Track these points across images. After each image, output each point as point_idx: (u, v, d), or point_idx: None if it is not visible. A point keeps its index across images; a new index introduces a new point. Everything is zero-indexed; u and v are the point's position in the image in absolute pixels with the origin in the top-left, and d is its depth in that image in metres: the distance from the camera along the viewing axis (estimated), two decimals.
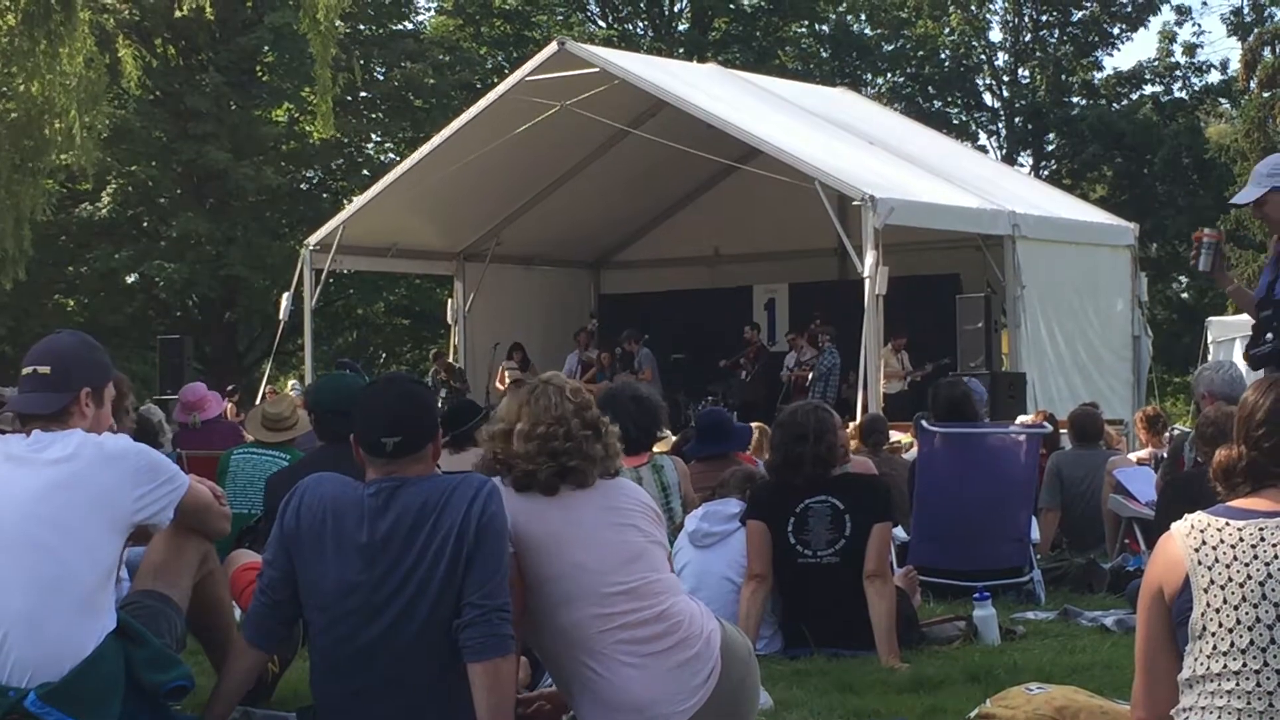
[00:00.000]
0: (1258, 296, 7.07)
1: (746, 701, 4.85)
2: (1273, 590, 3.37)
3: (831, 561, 6.82)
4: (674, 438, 11.08)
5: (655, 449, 7.97)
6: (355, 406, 4.68)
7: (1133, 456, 11.72)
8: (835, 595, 6.76)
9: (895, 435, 12.92)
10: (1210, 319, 23.20)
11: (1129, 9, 46.34)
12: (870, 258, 16.50)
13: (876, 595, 6.70)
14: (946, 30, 47.09)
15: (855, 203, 17.06)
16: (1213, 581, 3.41)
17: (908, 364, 20.38)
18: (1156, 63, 46.99)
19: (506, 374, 21.14)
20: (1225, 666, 3.37)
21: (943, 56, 47.34)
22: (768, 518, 6.86)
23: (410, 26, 38.69)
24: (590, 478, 4.68)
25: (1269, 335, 6.96)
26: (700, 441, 8.77)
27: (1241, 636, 3.36)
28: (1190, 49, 46.89)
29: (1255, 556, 3.40)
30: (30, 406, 4.52)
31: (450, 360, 22.81)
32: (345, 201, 29.62)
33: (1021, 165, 44.80)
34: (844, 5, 46.47)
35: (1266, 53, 39.05)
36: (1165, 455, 10.41)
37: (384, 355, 39.90)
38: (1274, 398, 3.56)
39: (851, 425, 11.83)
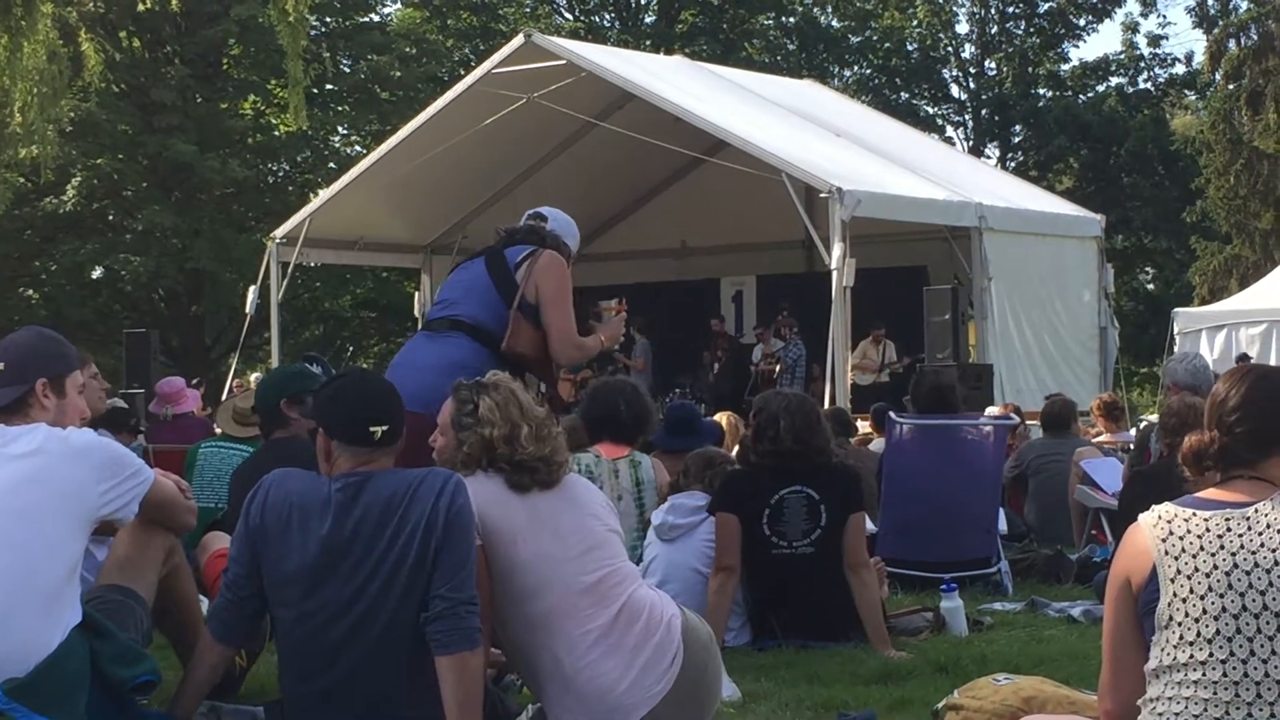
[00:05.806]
0: None
1: (709, 686, 4.90)
2: (1238, 580, 3.39)
3: (806, 551, 6.80)
4: None
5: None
6: (325, 400, 4.64)
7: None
8: (808, 585, 6.75)
9: (866, 427, 12.94)
10: (1176, 310, 23.23)
11: (1095, 0, 46.46)
12: (837, 250, 16.52)
13: (862, 585, 6.72)
14: (913, 22, 47.13)
15: (822, 195, 17.07)
16: (1179, 572, 3.42)
17: (892, 355, 20.41)
18: (1122, 54, 47.13)
19: None
20: (1192, 656, 3.38)
21: (909, 48, 47.38)
22: (739, 509, 6.82)
23: (376, 19, 38.57)
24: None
25: None
26: (667, 433, 8.74)
27: (1208, 627, 3.38)
28: (1155, 40, 47.08)
29: (1221, 547, 3.41)
30: None
31: None
32: (312, 195, 29.48)
33: (988, 157, 44.87)
34: None
35: (1231, 45, 39.12)
36: (1130, 445, 10.46)
37: (351, 349, 39.78)
38: (1247, 386, 3.60)
39: None
